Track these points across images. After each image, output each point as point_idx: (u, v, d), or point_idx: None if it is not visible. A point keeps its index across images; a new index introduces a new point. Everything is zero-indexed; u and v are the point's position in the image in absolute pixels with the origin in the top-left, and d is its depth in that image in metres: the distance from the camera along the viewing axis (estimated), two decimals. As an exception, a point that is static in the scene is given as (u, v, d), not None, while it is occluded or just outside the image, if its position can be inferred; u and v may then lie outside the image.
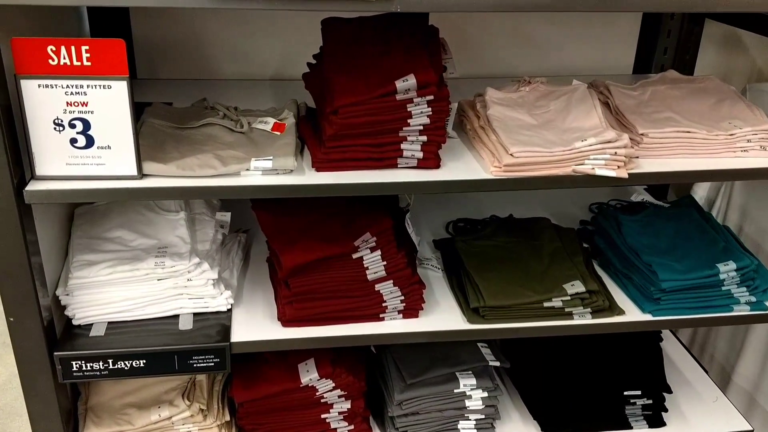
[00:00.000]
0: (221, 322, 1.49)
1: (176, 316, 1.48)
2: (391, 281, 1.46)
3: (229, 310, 1.51)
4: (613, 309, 1.54)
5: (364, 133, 1.30)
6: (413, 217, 1.59)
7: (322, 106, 1.36)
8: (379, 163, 1.33)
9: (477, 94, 1.54)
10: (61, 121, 1.18)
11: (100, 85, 1.16)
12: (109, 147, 1.21)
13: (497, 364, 1.66)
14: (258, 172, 1.30)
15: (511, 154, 1.32)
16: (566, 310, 1.51)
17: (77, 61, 1.13)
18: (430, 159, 1.34)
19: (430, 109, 1.30)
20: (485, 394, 1.64)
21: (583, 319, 1.52)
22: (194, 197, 1.55)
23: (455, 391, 1.62)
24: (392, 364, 1.65)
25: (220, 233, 1.59)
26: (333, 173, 1.32)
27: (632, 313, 1.55)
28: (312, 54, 1.48)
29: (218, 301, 1.49)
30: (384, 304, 1.48)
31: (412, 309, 1.50)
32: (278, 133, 1.43)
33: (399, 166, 1.34)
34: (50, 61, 1.12)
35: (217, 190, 1.27)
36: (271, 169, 1.29)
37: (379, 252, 1.45)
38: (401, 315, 1.50)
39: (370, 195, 1.35)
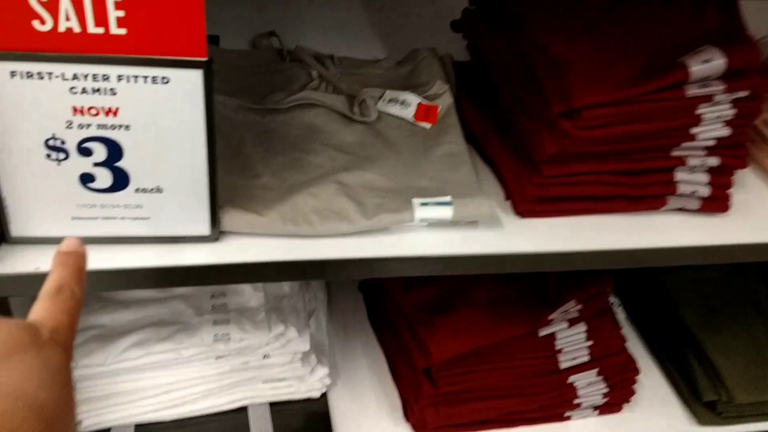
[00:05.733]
0: (313, 413, 0.95)
1: (243, 409, 0.94)
2: (596, 369, 0.92)
3: (324, 395, 0.97)
4: None
5: (615, 151, 0.72)
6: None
7: (521, 95, 0.76)
8: (635, 204, 0.75)
9: None
10: (63, 142, 0.58)
11: (144, 77, 0.55)
12: (159, 190, 0.61)
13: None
14: (422, 225, 0.71)
15: None
16: None
17: (97, 26, 0.52)
18: (720, 198, 0.77)
19: (733, 111, 0.72)
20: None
21: None
22: (323, 278, 0.87)
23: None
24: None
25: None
26: (548, 221, 0.75)
27: None
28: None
29: (309, 384, 0.95)
30: (577, 401, 0.94)
31: (615, 404, 0.97)
32: (428, 126, 0.83)
33: (664, 208, 0.77)
34: (38, 24, 0.51)
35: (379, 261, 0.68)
36: (450, 220, 0.71)
37: (583, 326, 0.90)
38: (597, 411, 0.97)
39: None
